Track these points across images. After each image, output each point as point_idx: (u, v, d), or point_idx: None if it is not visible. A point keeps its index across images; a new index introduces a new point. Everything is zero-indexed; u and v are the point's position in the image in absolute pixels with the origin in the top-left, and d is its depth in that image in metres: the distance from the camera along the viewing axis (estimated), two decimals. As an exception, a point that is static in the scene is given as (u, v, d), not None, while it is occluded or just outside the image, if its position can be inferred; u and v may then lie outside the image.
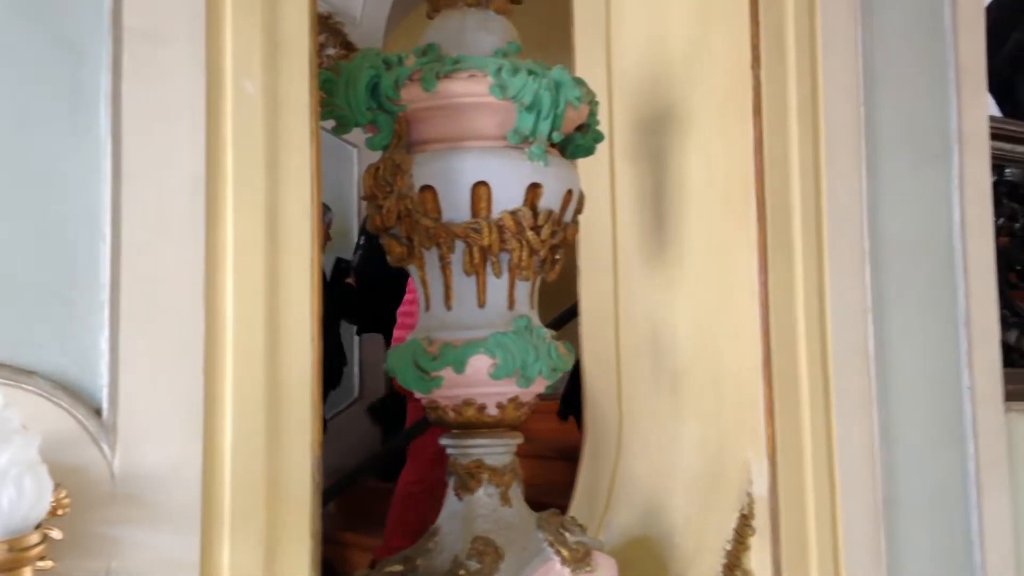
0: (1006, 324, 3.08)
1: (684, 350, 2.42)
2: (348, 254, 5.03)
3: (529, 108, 1.87)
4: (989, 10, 5.83)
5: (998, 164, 3.06)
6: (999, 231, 3.13)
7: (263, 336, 1.54)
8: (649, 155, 2.51)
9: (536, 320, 2.01)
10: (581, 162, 2.36)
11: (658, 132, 2.48)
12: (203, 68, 1.51)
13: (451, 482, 1.99)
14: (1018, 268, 3.20)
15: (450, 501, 1.99)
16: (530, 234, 1.92)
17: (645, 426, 2.54)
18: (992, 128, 2.84)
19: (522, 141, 1.90)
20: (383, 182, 1.89)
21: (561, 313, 3.26)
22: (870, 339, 2.30)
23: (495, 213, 1.90)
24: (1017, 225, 3.21)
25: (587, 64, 2.60)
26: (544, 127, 1.89)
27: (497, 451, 2.01)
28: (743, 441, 2.20)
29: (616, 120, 2.58)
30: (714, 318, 2.33)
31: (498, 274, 1.94)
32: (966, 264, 2.49)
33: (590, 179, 2.56)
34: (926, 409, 2.40)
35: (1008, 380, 2.66)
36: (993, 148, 2.89)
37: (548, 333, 2.02)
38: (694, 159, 2.40)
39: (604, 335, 2.64)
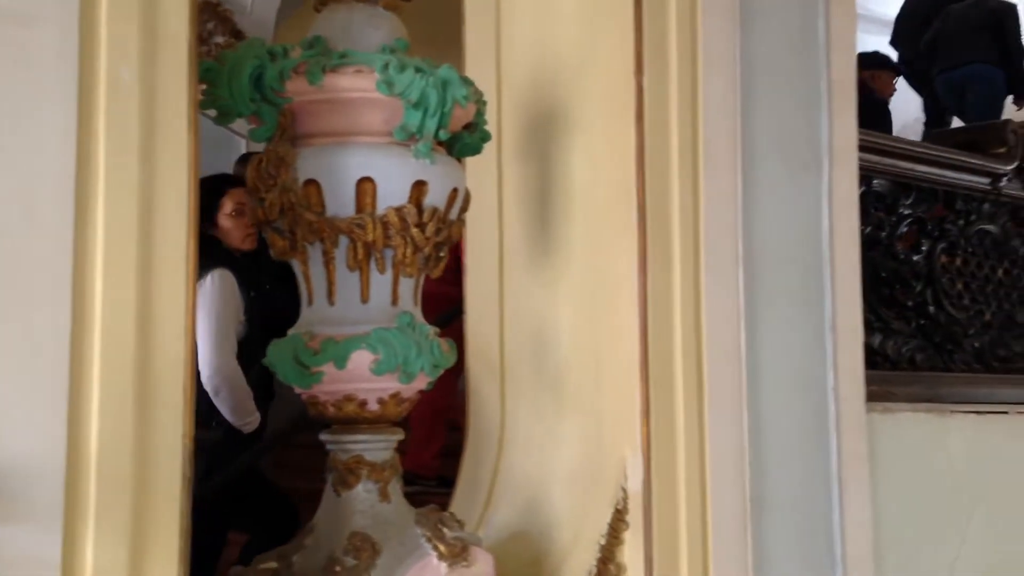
0: (871, 328, 3.21)
1: (566, 348, 2.45)
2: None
3: (416, 105, 1.87)
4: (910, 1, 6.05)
5: (866, 175, 3.19)
6: (867, 240, 3.27)
7: (134, 328, 1.49)
8: (536, 155, 2.53)
9: (419, 316, 2.01)
10: (469, 161, 2.37)
11: (546, 133, 2.50)
12: (75, 53, 1.45)
13: (329, 478, 1.97)
14: (883, 275, 3.34)
15: (328, 497, 1.97)
16: (415, 231, 1.92)
17: (527, 423, 2.56)
18: (861, 141, 2.96)
19: (408, 138, 1.90)
20: (266, 175, 1.86)
21: (447, 311, 3.27)
22: (742, 341, 2.36)
23: (380, 209, 1.89)
24: (884, 234, 3.35)
25: (477, 64, 2.61)
26: (431, 125, 1.89)
27: (377, 447, 2.00)
28: (620, 438, 2.23)
29: (505, 120, 2.59)
30: (595, 317, 2.36)
31: (382, 270, 1.93)
32: (833, 271, 2.58)
33: (478, 178, 2.57)
34: (793, 409, 2.48)
35: (871, 381, 2.77)
36: (861, 160, 3.01)
37: (431, 330, 2.02)
38: (580, 161, 2.43)
39: (489, 333, 2.66)
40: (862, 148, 2.94)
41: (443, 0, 2.92)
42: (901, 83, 5.87)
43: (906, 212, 3.39)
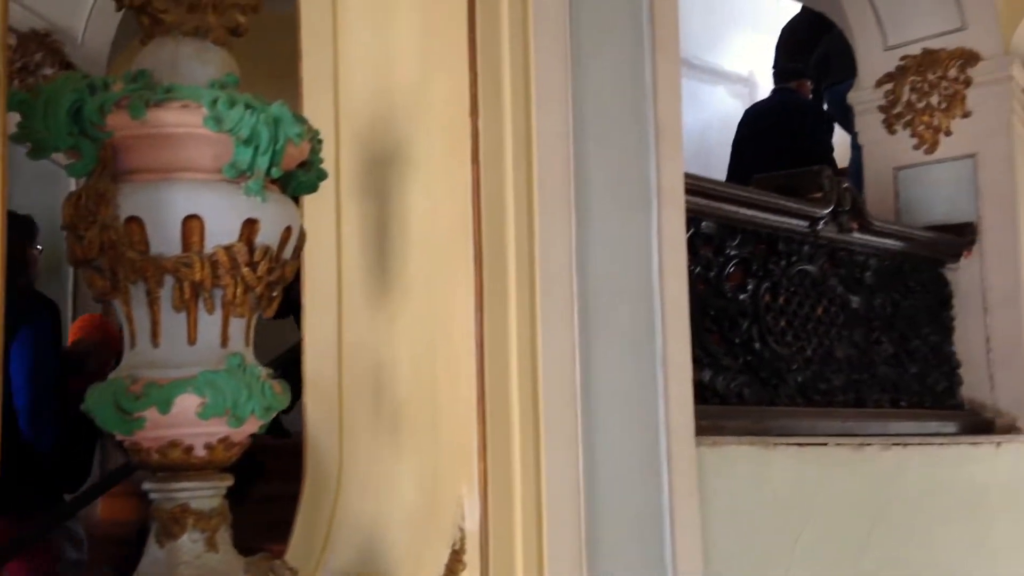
0: (701, 364, 3.33)
1: (404, 387, 2.43)
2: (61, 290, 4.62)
3: (246, 142, 1.82)
4: (803, 18, 6.32)
5: (696, 217, 3.32)
6: (696, 279, 3.39)
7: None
8: (375, 193, 2.52)
9: (251, 358, 1.95)
10: (307, 198, 2.33)
11: (384, 171, 2.50)
12: None
13: (152, 529, 1.88)
14: (712, 313, 3.47)
15: (151, 550, 1.88)
16: (245, 270, 1.87)
17: (365, 464, 2.52)
18: (689, 184, 3.08)
19: (239, 175, 1.85)
20: (85, 211, 1.78)
21: (285, 350, 3.20)
22: (577, 378, 2.40)
23: (208, 248, 1.83)
24: (712, 274, 3.49)
25: (314, 101, 2.58)
26: (262, 162, 1.85)
27: (205, 495, 1.92)
28: (458, 477, 2.23)
29: (343, 157, 2.56)
30: (433, 356, 2.36)
31: (210, 310, 1.87)
32: (664, 308, 2.67)
33: (316, 216, 2.54)
34: (627, 445, 2.54)
35: (701, 416, 2.86)
36: (690, 203, 3.13)
37: (263, 371, 1.96)
38: (418, 199, 2.43)
39: (327, 372, 2.61)
40: (691, 191, 3.06)
41: (281, 36, 2.88)
42: None
43: (733, 253, 3.55)
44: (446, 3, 2.35)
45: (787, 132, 5.61)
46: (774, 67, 6.31)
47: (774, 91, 6.24)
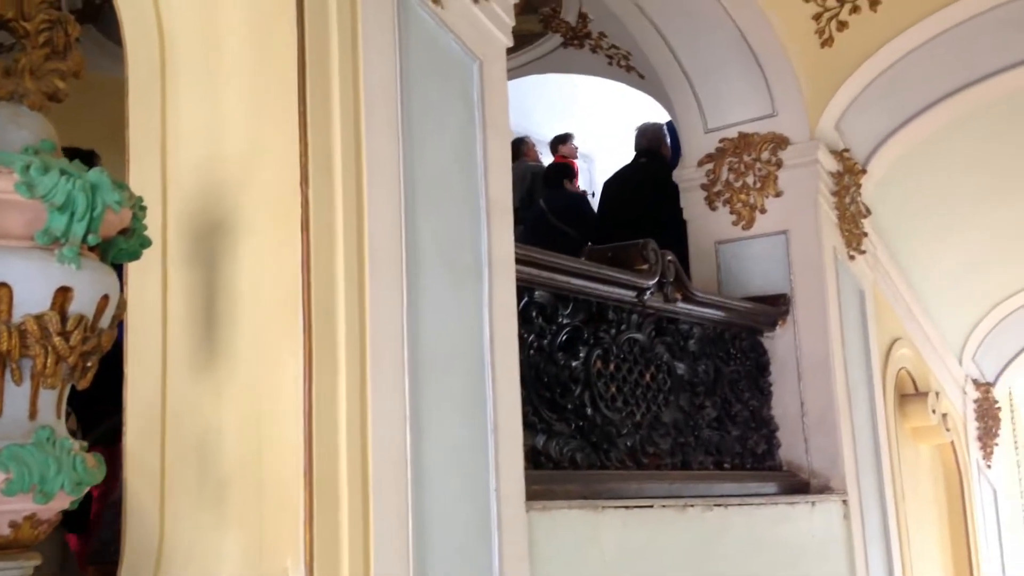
0: (535, 430, 3.37)
1: (230, 457, 2.35)
2: None
3: (61, 209, 1.76)
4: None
5: (529, 286, 3.39)
6: (530, 346, 3.45)
7: None
8: (204, 261, 2.46)
9: (62, 430, 1.86)
10: (133, 266, 2.26)
11: (213, 239, 2.44)
12: None
13: (-53, 614, 1.75)
14: (545, 379, 3.52)
15: (-56, 636, 1.74)
16: (57, 340, 1.79)
17: (189, 536, 2.41)
18: (522, 255, 3.15)
19: (52, 242, 1.78)
20: None
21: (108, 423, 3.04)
22: (407, 446, 2.38)
23: (16, 317, 1.75)
24: (545, 341, 3.55)
25: (142, 167, 2.51)
26: (79, 229, 1.79)
27: (10, 575, 1.80)
28: (283, 549, 2.16)
29: (171, 224, 2.50)
30: (260, 426, 2.29)
31: (18, 382, 1.78)
32: (495, 376, 2.69)
33: (140, 283, 2.46)
34: (458, 512, 2.53)
35: (534, 481, 2.89)
36: (524, 273, 3.20)
37: (76, 444, 1.87)
38: (247, 268, 2.38)
39: (149, 442, 2.50)
40: (523, 262, 3.13)
41: (109, 102, 2.81)
42: None
43: (565, 321, 3.63)
44: (276, 73, 2.34)
45: (640, 200, 5.75)
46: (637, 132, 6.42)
47: (635, 158, 6.33)
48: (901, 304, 6.21)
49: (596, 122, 8.83)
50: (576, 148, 7.32)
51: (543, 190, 6.54)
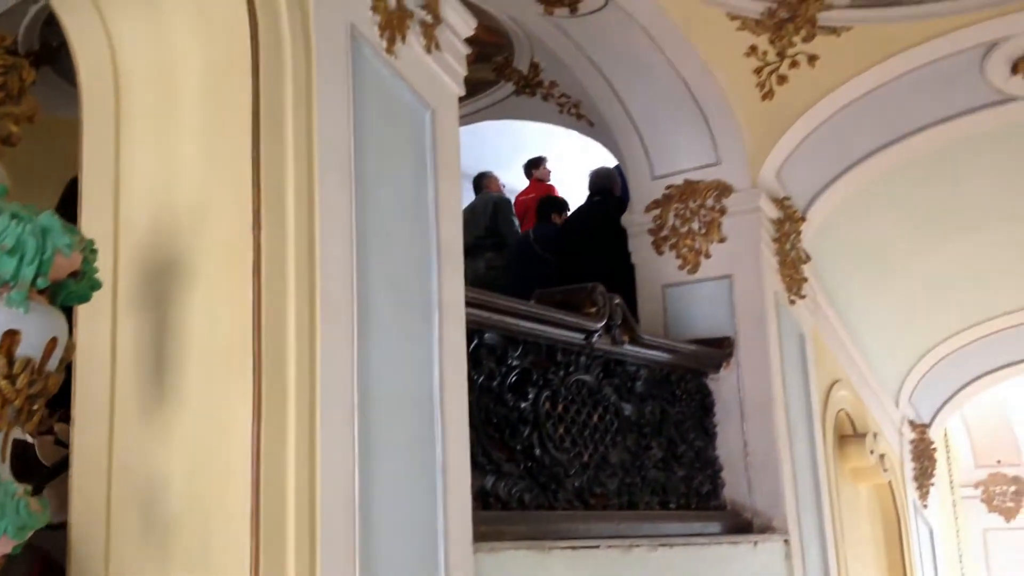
0: (484, 471, 3.36)
1: (176, 502, 2.32)
2: None
3: (11, 252, 1.74)
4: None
5: (480, 329, 3.40)
6: (480, 388, 3.45)
7: None
8: (154, 304, 2.43)
9: (6, 474, 1.82)
10: (82, 309, 2.23)
11: (164, 282, 2.42)
12: None
13: None
14: (495, 421, 3.52)
15: None
16: (3, 383, 1.77)
17: (134, 582, 2.36)
18: (473, 298, 3.16)
19: (1, 286, 1.75)
20: None
21: (54, 465, 2.97)
22: (356, 488, 2.36)
23: (-39, 360, 1.71)
24: (495, 383, 3.55)
25: (94, 211, 2.49)
26: (28, 272, 1.77)
27: (-52, 622, 1.75)
28: (230, 594, 2.12)
29: (122, 268, 2.47)
30: (207, 468, 2.26)
31: (-37, 425, 1.74)
32: (444, 418, 2.69)
33: (90, 326, 2.43)
34: (406, 553, 2.51)
35: (483, 522, 2.88)
36: (475, 315, 3.21)
37: (20, 488, 1.83)
38: (198, 311, 2.36)
39: (96, 488, 2.45)
40: (475, 305, 3.14)
41: (65, 144, 2.79)
42: None
43: (515, 363, 3.63)
44: (231, 119, 2.35)
45: (596, 240, 5.77)
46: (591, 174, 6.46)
47: (589, 196, 6.36)
48: (840, 347, 6.32)
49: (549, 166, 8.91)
50: (550, 172, 7.33)
51: (535, 221, 6.56)
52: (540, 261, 5.98)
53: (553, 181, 8.21)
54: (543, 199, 6.74)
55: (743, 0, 4.63)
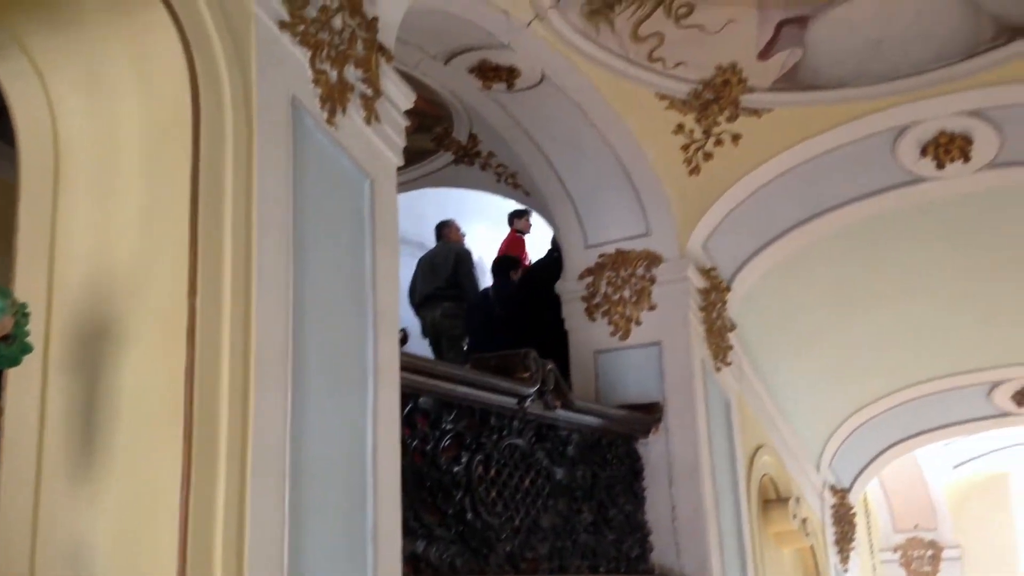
0: (416, 535, 3.31)
1: (103, 568, 2.23)
2: None
3: (-59, 315, 1.69)
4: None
5: (414, 393, 3.37)
6: (414, 451, 3.41)
7: None
8: (86, 367, 2.37)
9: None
10: (11, 371, 2.17)
11: (97, 345, 2.37)
12: None
13: None
14: (428, 485, 3.48)
15: None
16: (-74, 446, 1.70)
17: (55, 652, 2.26)
18: (408, 363, 3.14)
19: (-71, 348, 1.70)
20: None
21: None
22: (285, 556, 2.31)
23: None
24: (428, 447, 3.52)
25: (28, 274, 2.44)
26: (-43, 335, 1.72)
27: None
28: (153, 664, 2.05)
29: (54, 331, 2.42)
30: (134, 535, 2.19)
31: None
32: (376, 483, 2.65)
33: (19, 389, 2.36)
34: (335, 620, 2.45)
35: (414, 586, 2.82)
36: (410, 380, 3.19)
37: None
38: (130, 374, 2.31)
39: (19, 552, 2.35)
40: (411, 369, 3.12)
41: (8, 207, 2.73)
42: None
43: (448, 427, 3.61)
44: (170, 185, 2.33)
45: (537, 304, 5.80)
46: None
47: (549, 251, 6.37)
48: (764, 413, 6.41)
49: (484, 232, 8.98)
50: (531, 224, 7.36)
51: (494, 279, 6.60)
52: (498, 316, 6.01)
53: (483, 251, 8.29)
54: (499, 258, 6.80)
55: (671, 81, 4.78)
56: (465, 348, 6.40)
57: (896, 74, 4.77)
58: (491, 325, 5.98)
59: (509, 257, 6.86)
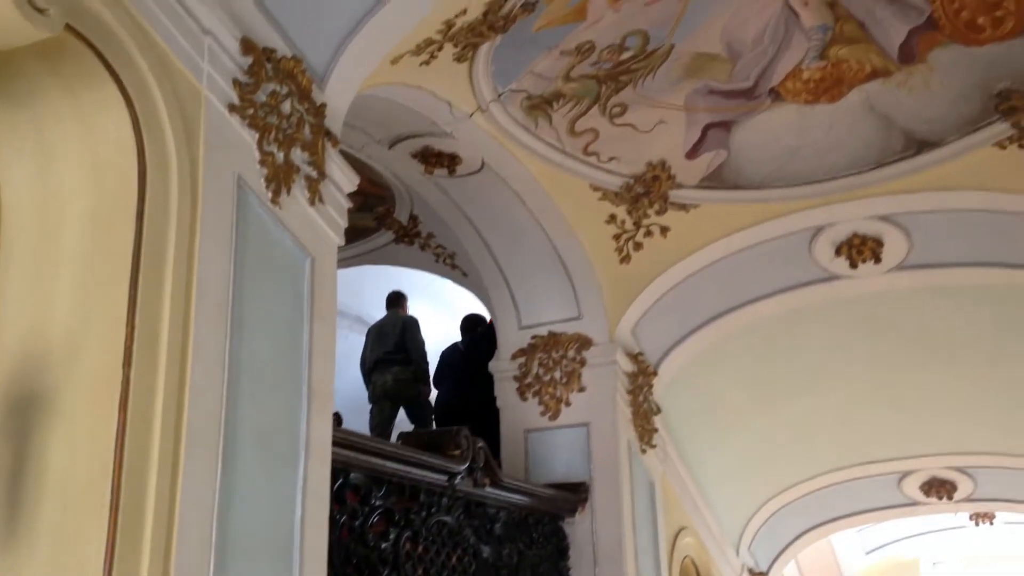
0: (341, 612, 3.22)
1: (18, 642, 2.14)
2: None
3: None
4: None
5: (345, 468, 3.33)
6: (342, 527, 3.35)
7: None
8: (15, 435, 2.30)
9: None
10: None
11: (28, 414, 2.30)
12: None
13: None
14: (355, 561, 3.41)
15: None
16: None
17: None
18: (340, 438, 3.11)
19: None
20: None
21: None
22: (207, 633, 2.24)
23: None
24: (357, 523, 3.46)
25: (-41, 338, 2.37)
26: None
27: None
28: None
29: (-17, 398, 2.34)
30: (54, 610, 2.11)
31: None
32: (303, 559, 2.59)
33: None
34: None
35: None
36: (341, 455, 3.15)
37: None
38: (59, 445, 2.24)
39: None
40: (343, 444, 3.08)
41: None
42: None
43: (378, 503, 3.56)
44: (112, 257, 2.30)
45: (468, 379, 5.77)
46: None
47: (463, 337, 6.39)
48: (687, 496, 6.44)
49: (422, 310, 8.99)
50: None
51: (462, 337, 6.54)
52: (466, 370, 5.94)
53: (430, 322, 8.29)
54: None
55: (604, 174, 4.91)
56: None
57: (813, 178, 4.98)
58: (461, 372, 5.91)
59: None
